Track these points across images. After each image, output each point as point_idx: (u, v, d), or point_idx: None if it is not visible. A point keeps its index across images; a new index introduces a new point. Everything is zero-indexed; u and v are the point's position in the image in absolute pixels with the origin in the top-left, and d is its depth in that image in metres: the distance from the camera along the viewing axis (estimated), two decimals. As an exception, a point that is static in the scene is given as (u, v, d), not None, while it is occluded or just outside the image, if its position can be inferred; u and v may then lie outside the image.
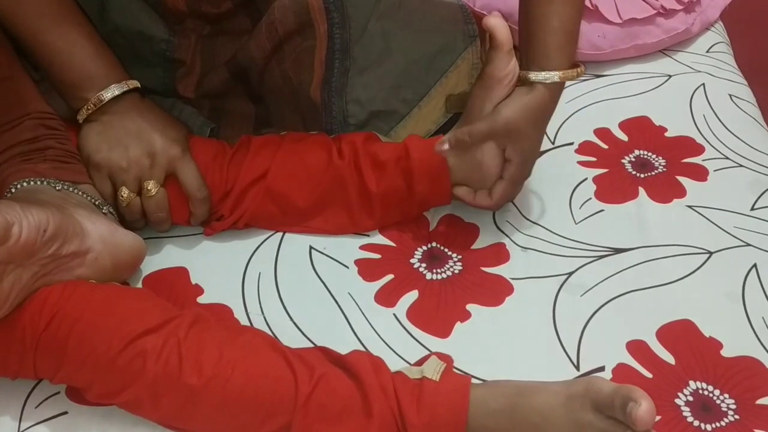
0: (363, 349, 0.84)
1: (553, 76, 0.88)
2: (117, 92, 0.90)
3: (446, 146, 0.89)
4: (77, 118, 0.90)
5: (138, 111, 0.91)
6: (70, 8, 0.91)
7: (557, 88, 0.90)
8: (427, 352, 0.83)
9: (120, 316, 0.74)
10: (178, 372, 0.72)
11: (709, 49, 1.29)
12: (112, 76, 0.90)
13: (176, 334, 0.74)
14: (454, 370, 0.81)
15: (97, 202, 0.87)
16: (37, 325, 0.74)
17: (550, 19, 0.88)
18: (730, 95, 1.20)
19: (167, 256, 0.94)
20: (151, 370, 0.72)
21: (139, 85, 0.92)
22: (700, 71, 1.24)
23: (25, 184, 0.83)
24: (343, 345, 0.81)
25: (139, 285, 0.90)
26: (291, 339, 0.83)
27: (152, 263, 0.92)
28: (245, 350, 0.75)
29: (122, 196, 0.89)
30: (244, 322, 0.87)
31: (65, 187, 0.85)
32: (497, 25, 0.86)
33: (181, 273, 0.92)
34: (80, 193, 0.86)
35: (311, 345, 0.83)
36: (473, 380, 0.76)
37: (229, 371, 0.73)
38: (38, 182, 0.83)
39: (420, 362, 0.78)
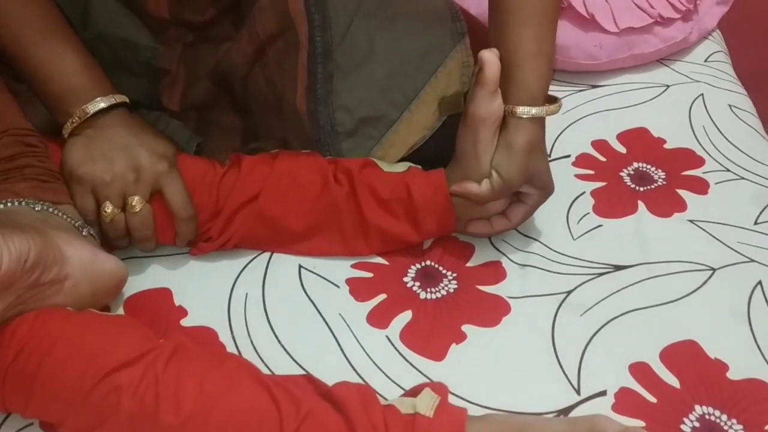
0: (355, 374, 0.81)
1: (541, 111, 0.86)
2: (103, 105, 0.87)
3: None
4: (62, 133, 0.88)
5: (125, 125, 0.88)
6: (57, 22, 0.89)
7: (543, 118, 0.88)
8: (421, 376, 0.80)
9: (94, 347, 0.71)
10: (155, 409, 0.69)
11: (708, 58, 1.28)
12: (98, 90, 0.88)
13: (154, 368, 0.70)
14: (450, 394, 0.78)
15: (77, 224, 0.84)
16: (5, 357, 0.70)
17: (527, 44, 0.86)
18: (729, 105, 1.18)
19: (150, 276, 0.91)
20: (126, 407, 0.69)
21: (127, 99, 0.90)
22: (698, 81, 1.22)
23: (1, 206, 0.79)
24: (334, 370, 0.78)
25: (120, 307, 0.87)
26: (279, 364, 0.80)
27: (134, 284, 0.88)
28: (227, 383, 0.72)
29: (105, 212, 0.86)
30: (229, 345, 0.83)
31: (45, 207, 0.82)
32: (490, 61, 0.83)
33: (165, 294, 0.88)
34: (60, 214, 0.83)
35: (300, 370, 0.80)
36: (470, 406, 0.73)
37: (208, 408, 0.70)
38: (16, 203, 0.80)
39: (413, 392, 0.75)
